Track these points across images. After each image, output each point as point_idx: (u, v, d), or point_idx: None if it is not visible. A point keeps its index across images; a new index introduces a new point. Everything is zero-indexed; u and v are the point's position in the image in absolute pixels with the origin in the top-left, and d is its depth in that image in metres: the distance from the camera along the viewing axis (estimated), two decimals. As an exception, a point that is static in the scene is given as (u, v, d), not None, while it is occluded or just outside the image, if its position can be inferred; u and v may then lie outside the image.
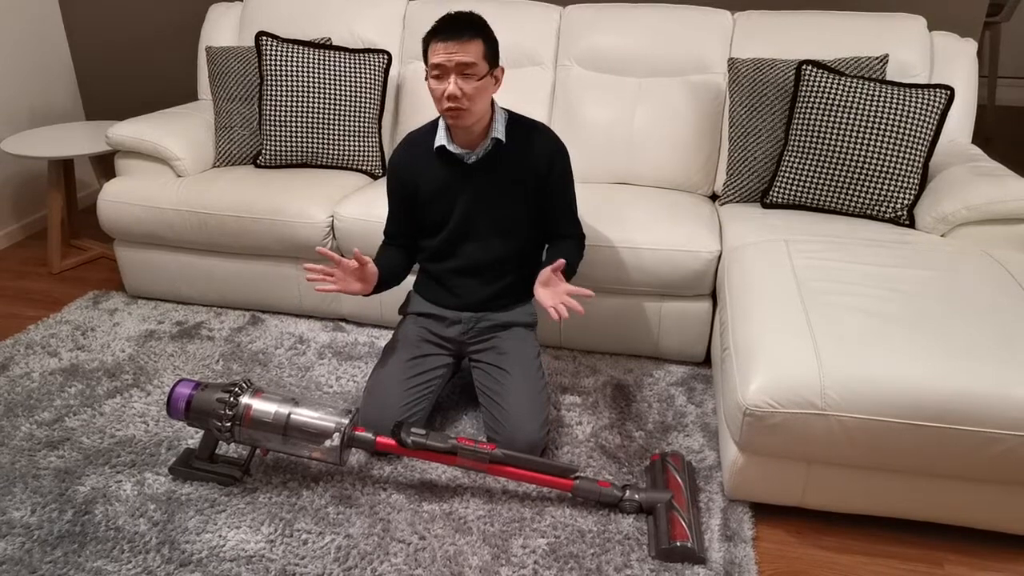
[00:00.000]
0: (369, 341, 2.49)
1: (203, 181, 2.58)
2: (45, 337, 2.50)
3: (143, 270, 2.70)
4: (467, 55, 1.76)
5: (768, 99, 2.41)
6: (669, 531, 1.66)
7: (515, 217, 1.97)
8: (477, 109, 1.82)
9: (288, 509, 1.77)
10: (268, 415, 1.76)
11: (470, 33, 1.76)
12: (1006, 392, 1.52)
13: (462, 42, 1.75)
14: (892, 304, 1.76)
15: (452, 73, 1.77)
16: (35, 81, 3.39)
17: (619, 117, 2.63)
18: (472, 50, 1.76)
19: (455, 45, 1.75)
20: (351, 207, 2.42)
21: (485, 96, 1.83)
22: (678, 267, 2.22)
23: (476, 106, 1.81)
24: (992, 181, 2.14)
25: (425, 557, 1.65)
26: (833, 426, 1.58)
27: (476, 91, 1.78)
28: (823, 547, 1.72)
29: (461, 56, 1.75)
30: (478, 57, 1.77)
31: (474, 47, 1.77)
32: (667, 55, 2.63)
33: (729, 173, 2.49)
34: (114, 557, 1.64)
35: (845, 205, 2.30)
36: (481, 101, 1.81)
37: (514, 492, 1.83)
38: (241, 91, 2.72)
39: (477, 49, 1.77)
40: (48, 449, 1.97)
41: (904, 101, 2.21)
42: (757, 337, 1.72)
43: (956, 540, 1.72)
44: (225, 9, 3.02)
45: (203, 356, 2.40)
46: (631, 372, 2.33)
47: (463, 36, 1.75)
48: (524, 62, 2.75)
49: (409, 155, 1.99)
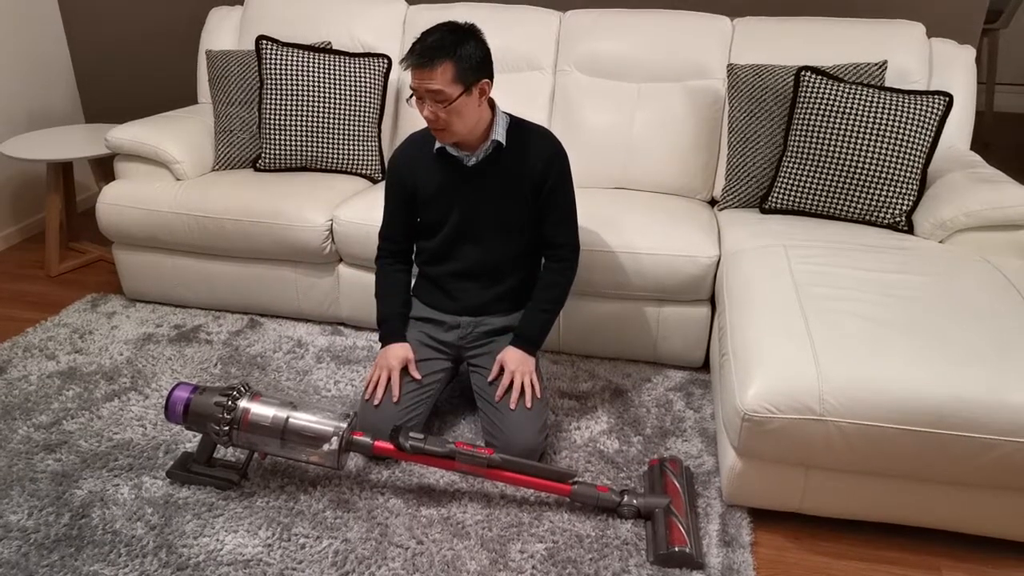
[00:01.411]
0: (367, 345, 2.48)
1: (202, 185, 2.58)
2: (43, 340, 2.49)
3: (141, 273, 2.70)
4: (434, 83, 1.74)
5: (767, 105, 2.42)
6: (667, 536, 1.65)
7: (514, 220, 1.97)
8: (459, 128, 1.82)
9: (286, 513, 1.77)
10: (266, 419, 1.75)
11: (439, 57, 1.73)
12: (1003, 398, 1.52)
13: (430, 69, 1.73)
14: (890, 310, 1.77)
15: (425, 98, 1.78)
16: (34, 84, 3.39)
17: (618, 122, 2.63)
18: (439, 77, 1.73)
19: (423, 73, 1.74)
20: (350, 211, 2.42)
21: (465, 115, 1.81)
22: (677, 272, 2.22)
23: (456, 126, 1.81)
24: (990, 187, 2.15)
25: (423, 562, 1.64)
26: (831, 432, 1.58)
27: (451, 114, 1.78)
28: (821, 553, 1.72)
29: (428, 84, 1.74)
30: (446, 83, 1.74)
31: (442, 73, 1.73)
32: (666, 60, 2.63)
33: (728, 178, 2.49)
34: (111, 561, 1.64)
35: (844, 211, 2.30)
36: (461, 121, 1.81)
37: (512, 497, 1.83)
38: (241, 95, 2.73)
39: (446, 75, 1.74)
40: (45, 452, 1.96)
41: (903, 107, 2.22)
42: (756, 342, 1.72)
43: (953, 546, 1.72)
44: (225, 13, 3.02)
45: (201, 360, 2.40)
46: (629, 377, 2.33)
47: (432, 63, 1.73)
48: (523, 67, 2.75)
49: (409, 155, 1.99)
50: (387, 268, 2.08)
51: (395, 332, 2.02)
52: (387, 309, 2.05)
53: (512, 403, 1.89)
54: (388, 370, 1.95)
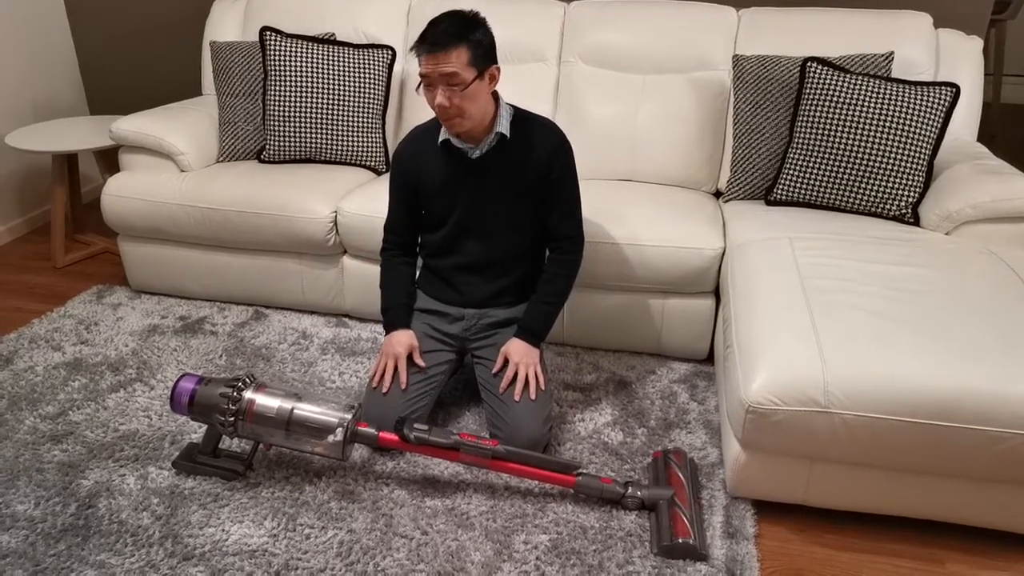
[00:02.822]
0: (372, 337, 2.49)
1: (207, 176, 2.58)
2: (49, 331, 2.50)
3: (147, 265, 2.70)
4: (449, 65, 1.72)
5: (773, 96, 2.41)
6: (671, 528, 1.66)
7: (518, 213, 1.97)
8: (471, 115, 1.81)
9: (291, 504, 1.77)
10: (271, 410, 1.76)
11: (454, 42, 1.72)
12: (1009, 391, 1.52)
13: (445, 53, 1.72)
14: (896, 302, 1.76)
15: (438, 84, 1.76)
16: (39, 75, 3.39)
17: (623, 114, 2.63)
18: (455, 60, 1.73)
19: (437, 57, 1.73)
20: (354, 203, 2.42)
21: (478, 101, 1.80)
22: (681, 264, 2.22)
23: (470, 112, 1.80)
24: (997, 179, 2.14)
25: (427, 552, 1.65)
26: (836, 424, 1.58)
27: (465, 99, 1.77)
28: (825, 545, 1.72)
29: (443, 67, 1.73)
30: (461, 66, 1.73)
31: (457, 57, 1.73)
32: (671, 52, 2.62)
33: (733, 170, 2.49)
34: (117, 551, 1.65)
35: (849, 203, 2.30)
36: (474, 107, 1.80)
37: (516, 488, 1.83)
38: (245, 86, 2.73)
39: (461, 58, 1.73)
40: (52, 443, 1.97)
41: (909, 99, 2.21)
42: (760, 334, 1.72)
43: (958, 538, 1.72)
44: (229, 4, 3.02)
45: (206, 351, 2.40)
46: (634, 369, 2.33)
47: (447, 47, 1.72)
48: (528, 58, 2.75)
49: (414, 147, 1.99)
50: (392, 260, 2.08)
51: (399, 320, 2.02)
52: (391, 298, 2.05)
53: (516, 395, 1.89)
54: (394, 357, 1.95)
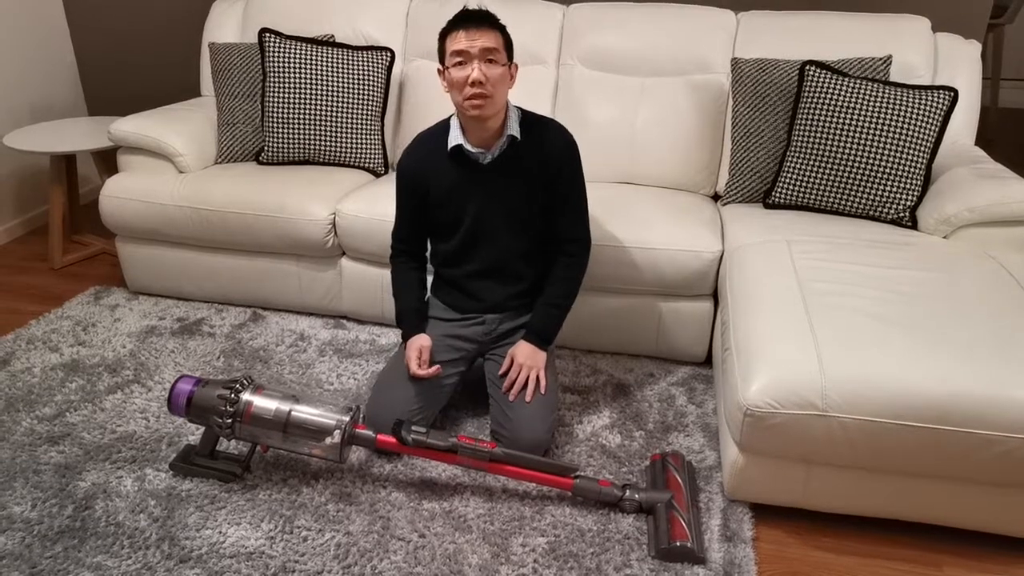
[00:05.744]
0: (370, 339, 2.49)
1: (205, 177, 2.58)
2: (46, 332, 2.50)
3: (144, 266, 2.70)
4: (490, 40, 1.78)
5: (771, 99, 2.41)
6: (669, 531, 1.66)
7: (530, 215, 1.95)
8: (497, 99, 1.82)
9: (288, 506, 1.77)
10: (269, 412, 1.76)
11: (490, 24, 1.81)
12: (1006, 394, 1.52)
13: (484, 29, 1.79)
14: (894, 306, 1.76)
15: (476, 59, 1.77)
16: (37, 76, 3.39)
17: (622, 117, 2.63)
18: (494, 37, 1.80)
19: (478, 32, 1.78)
20: (353, 204, 2.42)
21: (504, 87, 1.84)
22: (680, 267, 2.22)
23: (496, 96, 1.81)
24: (995, 183, 2.14)
25: (425, 555, 1.65)
26: (833, 427, 1.58)
27: (499, 79, 1.80)
28: (822, 548, 1.72)
29: (484, 41, 1.77)
30: (499, 44, 1.81)
31: (494, 35, 1.80)
32: (670, 55, 2.63)
33: (731, 173, 2.49)
34: (114, 552, 1.64)
35: (847, 206, 2.30)
36: (500, 91, 1.82)
37: (514, 491, 1.83)
38: (244, 87, 2.72)
39: (498, 39, 1.81)
40: (49, 444, 1.97)
41: (907, 102, 2.21)
42: (758, 338, 1.72)
43: (955, 542, 1.72)
44: (228, 5, 3.02)
45: (204, 352, 2.40)
46: (632, 371, 2.33)
47: (487, 22, 1.80)
48: (527, 60, 2.75)
49: (419, 156, 1.97)
50: (401, 267, 2.07)
51: (415, 326, 2.01)
52: (404, 305, 2.04)
53: (514, 396, 1.89)
54: (420, 349, 1.94)
